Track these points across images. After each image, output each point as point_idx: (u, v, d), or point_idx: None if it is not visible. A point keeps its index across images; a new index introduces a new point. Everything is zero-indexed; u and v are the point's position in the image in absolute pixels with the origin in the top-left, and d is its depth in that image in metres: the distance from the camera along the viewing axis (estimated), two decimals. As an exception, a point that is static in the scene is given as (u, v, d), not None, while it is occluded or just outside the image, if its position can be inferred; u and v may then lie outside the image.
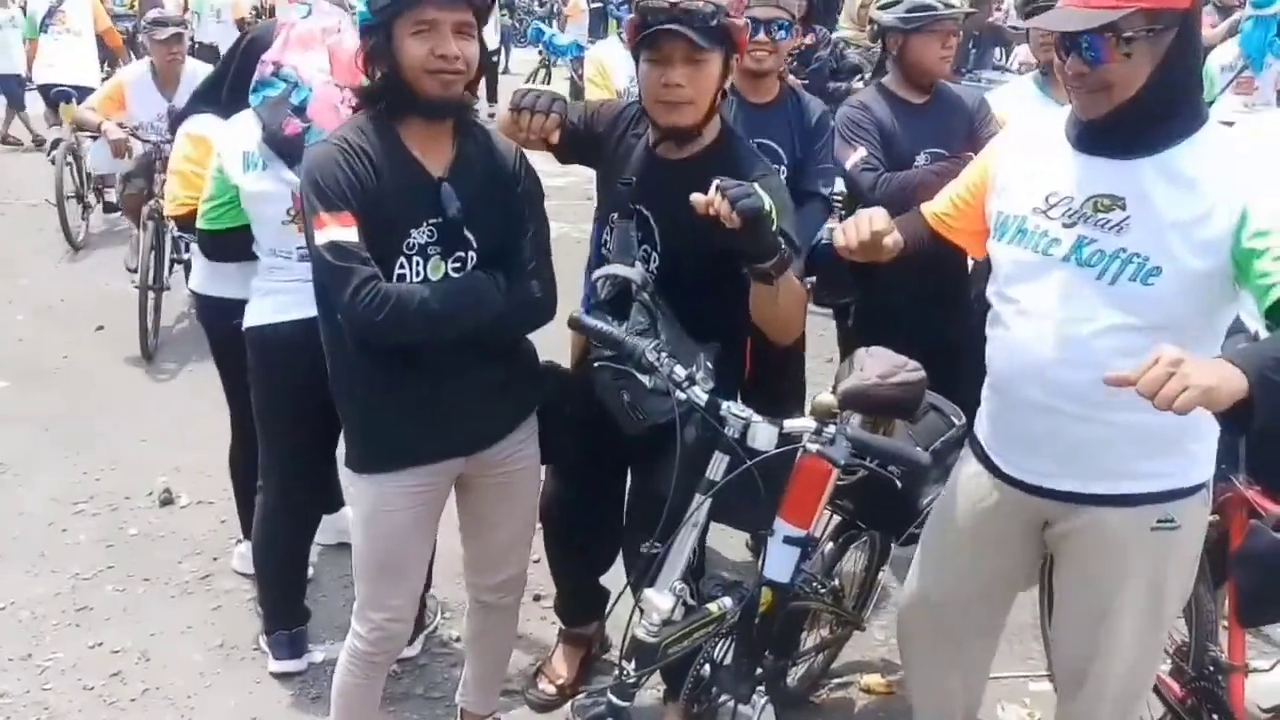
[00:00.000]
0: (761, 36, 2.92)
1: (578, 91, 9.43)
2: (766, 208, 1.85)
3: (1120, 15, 1.60)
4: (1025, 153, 1.89)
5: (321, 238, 1.89)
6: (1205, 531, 1.93)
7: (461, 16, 1.89)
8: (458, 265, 2.02)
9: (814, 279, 3.45)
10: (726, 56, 2.13)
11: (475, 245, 2.02)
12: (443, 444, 2.11)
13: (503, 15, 14.62)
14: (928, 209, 2.06)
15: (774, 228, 1.90)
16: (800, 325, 2.20)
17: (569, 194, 6.27)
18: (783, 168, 3.02)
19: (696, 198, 1.86)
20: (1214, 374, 1.39)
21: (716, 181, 1.86)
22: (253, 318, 2.73)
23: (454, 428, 2.09)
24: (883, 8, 3.14)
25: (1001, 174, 1.91)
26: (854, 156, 3.06)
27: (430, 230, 1.98)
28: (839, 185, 3.22)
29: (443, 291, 1.97)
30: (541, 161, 2.26)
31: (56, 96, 7.67)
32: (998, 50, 11.00)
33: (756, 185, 1.88)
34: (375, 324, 1.88)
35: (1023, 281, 1.83)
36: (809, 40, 6.56)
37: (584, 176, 2.64)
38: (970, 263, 3.01)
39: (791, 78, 5.60)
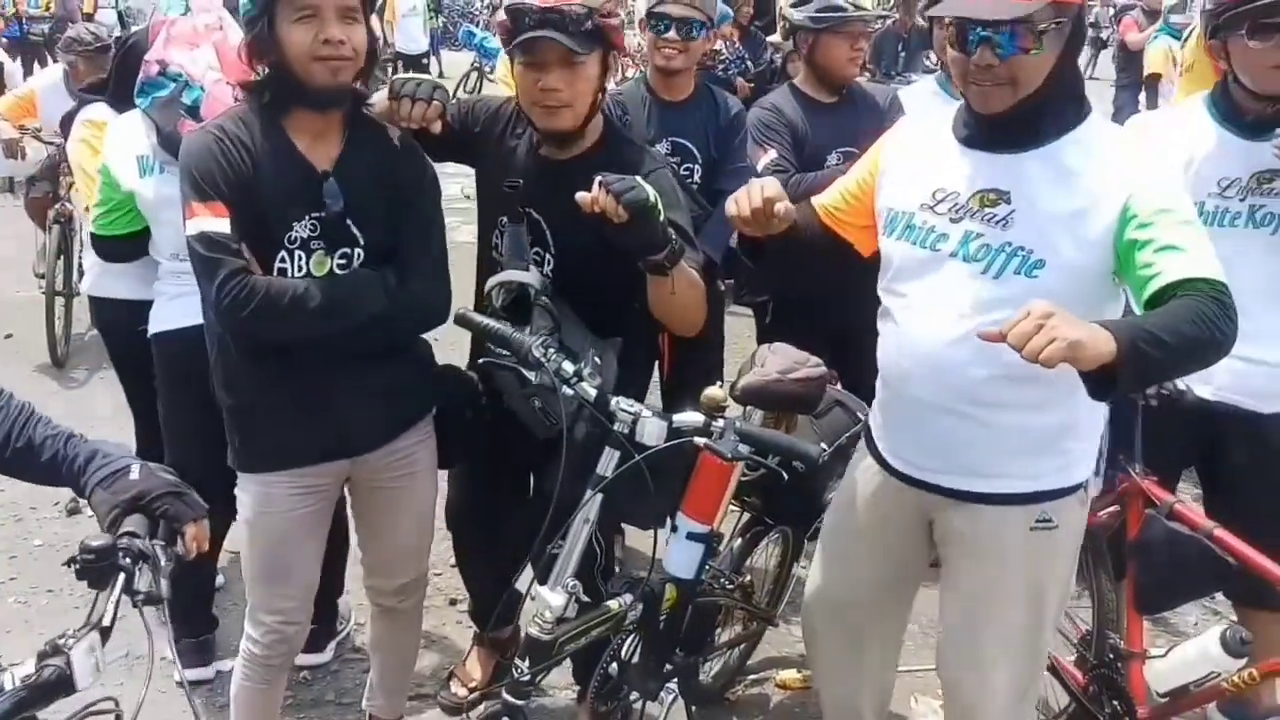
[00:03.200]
0: (673, 35, 2.91)
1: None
2: (651, 199, 1.84)
3: (1037, 8, 1.61)
4: (913, 150, 1.89)
5: (192, 227, 1.85)
6: (1083, 531, 1.95)
7: (345, 1, 1.85)
8: (343, 261, 1.98)
9: (732, 280, 3.48)
10: (604, 55, 2.10)
11: (362, 242, 1.98)
12: (325, 445, 2.06)
13: (432, 19, 14.48)
14: (817, 201, 2.05)
15: (661, 219, 1.88)
16: (701, 316, 2.17)
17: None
18: (696, 166, 3.01)
19: (582, 196, 1.85)
20: (1083, 330, 1.40)
21: (599, 178, 1.84)
22: (158, 323, 2.65)
23: (336, 429, 2.04)
24: (794, 5, 3.16)
25: (889, 171, 1.91)
26: (765, 158, 3.06)
27: (313, 224, 1.93)
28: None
29: (320, 287, 1.92)
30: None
31: None
32: (928, 53, 11.17)
33: (640, 179, 1.86)
34: (242, 317, 1.84)
35: (910, 277, 1.83)
36: (715, 46, 6.57)
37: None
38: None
39: (740, 80, 5.64)
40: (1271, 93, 2.21)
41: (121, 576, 1.32)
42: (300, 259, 1.94)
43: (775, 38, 5.88)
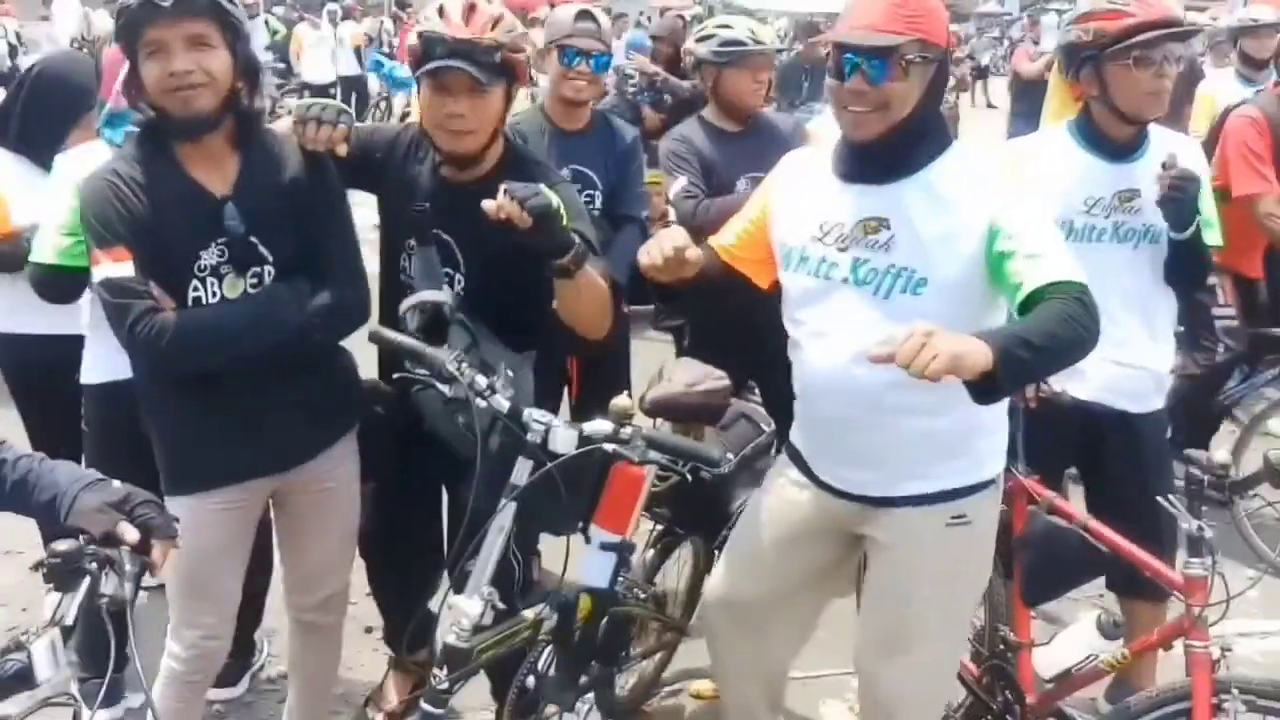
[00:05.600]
0: (583, 67, 3.01)
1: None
2: (554, 204, 1.93)
3: (905, 40, 1.78)
4: (798, 187, 2.03)
5: (98, 275, 1.90)
6: (997, 526, 2.09)
7: (191, 29, 1.87)
8: (255, 281, 2.02)
9: (651, 306, 3.60)
10: (508, 86, 2.20)
11: (271, 259, 2.02)
12: (253, 462, 2.09)
13: (366, 47, 14.39)
14: (716, 242, 2.16)
15: (564, 223, 1.98)
16: (608, 319, 2.26)
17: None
18: (597, 193, 3.10)
19: (487, 204, 1.93)
20: (961, 344, 1.54)
21: (503, 186, 1.93)
22: (99, 373, 2.57)
23: (264, 445, 2.07)
24: (698, 41, 3.31)
25: (779, 208, 2.04)
26: (675, 185, 3.19)
27: (220, 250, 1.98)
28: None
29: (234, 309, 1.96)
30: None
31: None
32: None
33: (542, 186, 1.96)
34: (159, 354, 1.88)
35: (809, 305, 1.96)
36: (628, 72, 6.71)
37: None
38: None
39: (649, 110, 5.76)
40: (1148, 117, 2.43)
41: (87, 580, 1.35)
42: (212, 285, 1.98)
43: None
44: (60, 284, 2.62)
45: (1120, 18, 2.34)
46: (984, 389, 1.58)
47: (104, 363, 2.57)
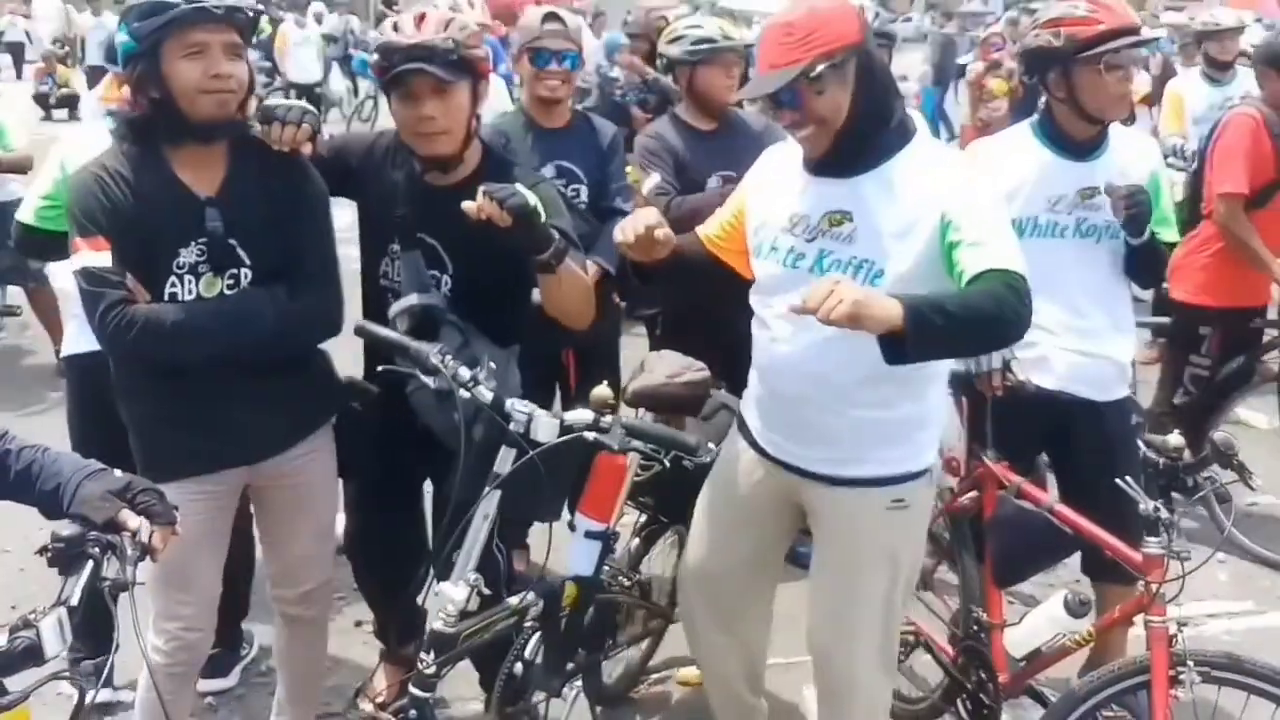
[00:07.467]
0: (554, 67, 3.08)
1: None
2: (531, 203, 2.01)
3: (805, 64, 1.84)
4: (772, 180, 2.11)
5: (76, 263, 1.96)
6: (931, 510, 2.18)
7: (230, 38, 1.97)
8: (232, 282, 2.07)
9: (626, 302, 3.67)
10: (474, 84, 2.25)
11: (249, 262, 2.08)
12: (221, 454, 2.14)
13: (326, 47, 14.39)
14: (702, 231, 2.25)
15: (543, 220, 2.05)
16: (589, 309, 2.32)
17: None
18: (583, 187, 3.19)
19: (468, 205, 2.00)
20: (865, 294, 1.64)
21: (483, 188, 2.00)
22: (77, 344, 2.65)
23: (232, 437, 2.12)
24: (670, 42, 3.39)
25: (755, 200, 2.13)
26: (649, 182, 3.27)
27: (200, 249, 2.03)
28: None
29: (206, 309, 2.02)
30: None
31: None
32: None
33: (519, 185, 2.03)
34: (126, 344, 1.94)
35: (777, 292, 2.04)
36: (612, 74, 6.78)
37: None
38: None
39: (637, 111, 5.83)
40: (1113, 118, 2.54)
41: (90, 564, 1.41)
42: (190, 283, 2.04)
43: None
44: (37, 242, 2.78)
45: (1092, 24, 2.43)
46: (895, 348, 1.67)
47: (82, 335, 2.61)
